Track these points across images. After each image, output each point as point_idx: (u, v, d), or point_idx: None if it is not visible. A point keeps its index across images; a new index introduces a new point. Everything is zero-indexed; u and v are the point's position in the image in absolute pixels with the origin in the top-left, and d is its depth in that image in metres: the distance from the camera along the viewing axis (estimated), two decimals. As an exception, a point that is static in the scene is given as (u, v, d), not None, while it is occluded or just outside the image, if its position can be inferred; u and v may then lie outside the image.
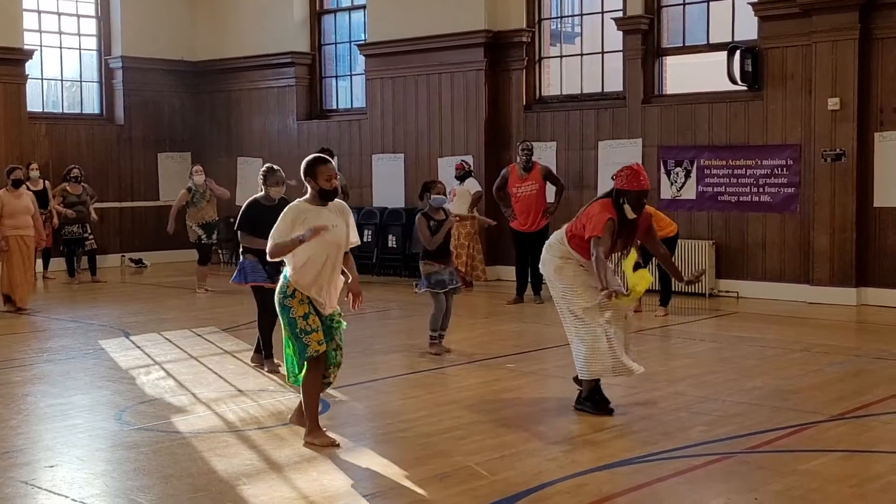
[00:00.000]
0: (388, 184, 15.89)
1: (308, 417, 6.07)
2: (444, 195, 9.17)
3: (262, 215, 7.92)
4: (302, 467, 5.66)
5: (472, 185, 13.94)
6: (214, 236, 14.02)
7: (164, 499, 5.12)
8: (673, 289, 11.57)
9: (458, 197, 13.92)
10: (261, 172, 8.47)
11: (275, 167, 8.55)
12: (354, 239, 6.12)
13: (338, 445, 5.95)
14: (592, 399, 6.83)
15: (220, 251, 17.09)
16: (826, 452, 5.90)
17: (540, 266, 7.07)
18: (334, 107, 17.54)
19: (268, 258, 6.12)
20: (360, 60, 16.62)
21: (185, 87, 18.48)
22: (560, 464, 5.72)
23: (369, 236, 15.66)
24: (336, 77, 17.70)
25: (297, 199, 6.09)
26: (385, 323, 11.54)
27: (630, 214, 6.67)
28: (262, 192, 8.39)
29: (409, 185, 15.58)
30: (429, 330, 9.16)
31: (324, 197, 5.96)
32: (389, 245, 15.68)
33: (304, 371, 6.00)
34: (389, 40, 15.69)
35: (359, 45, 16.41)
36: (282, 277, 6.07)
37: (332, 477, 5.49)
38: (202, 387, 7.79)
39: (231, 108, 18.24)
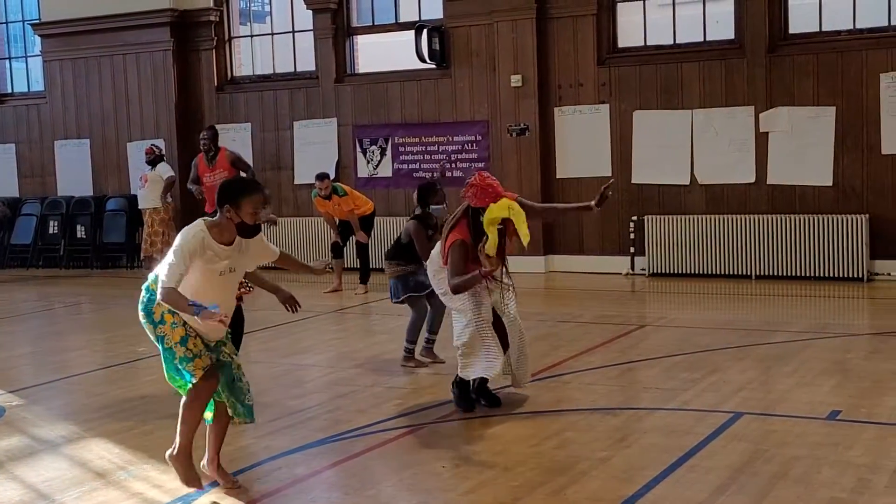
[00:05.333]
0: (74, 171, 15.04)
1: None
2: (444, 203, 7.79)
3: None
4: (-32, 481, 5.21)
5: (165, 171, 13.41)
6: None
7: None
8: (371, 266, 11.66)
9: (151, 183, 13.37)
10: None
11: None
12: (250, 268, 5.01)
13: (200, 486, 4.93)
14: (462, 388, 6.28)
15: None
16: (511, 415, 6.12)
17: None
18: (9, 91, 16.35)
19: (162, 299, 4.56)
20: (38, 41, 15.58)
21: None
22: (252, 450, 5.59)
23: (55, 228, 14.87)
24: (10, 59, 16.52)
25: (201, 221, 4.69)
26: (76, 318, 10.96)
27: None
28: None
29: (96, 172, 14.86)
30: (406, 341, 7.52)
31: (243, 233, 4.71)
32: (78, 236, 14.86)
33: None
34: (67, 19, 14.82)
35: (33, 25, 15.38)
36: (145, 293, 4.77)
37: (2, 488, 5.08)
38: None
39: None
